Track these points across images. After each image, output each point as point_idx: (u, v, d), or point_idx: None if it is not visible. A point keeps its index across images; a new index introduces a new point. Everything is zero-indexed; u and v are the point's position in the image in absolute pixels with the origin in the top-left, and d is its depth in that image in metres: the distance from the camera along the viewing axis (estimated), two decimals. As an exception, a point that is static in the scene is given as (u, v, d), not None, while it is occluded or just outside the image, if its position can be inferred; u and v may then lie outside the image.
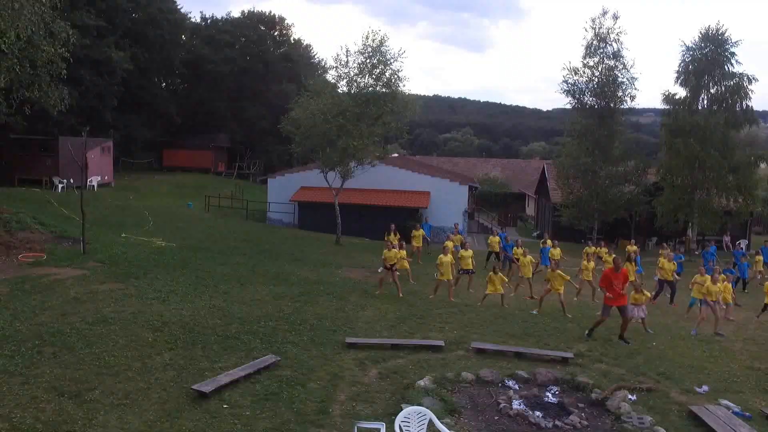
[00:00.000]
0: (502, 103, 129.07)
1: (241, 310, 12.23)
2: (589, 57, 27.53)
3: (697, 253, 25.63)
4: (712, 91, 26.28)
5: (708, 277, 13.66)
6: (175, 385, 8.34)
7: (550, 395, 8.58)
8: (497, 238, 20.94)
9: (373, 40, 22.22)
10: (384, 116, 21.64)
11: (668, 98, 26.97)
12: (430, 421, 6.37)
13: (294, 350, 10.15)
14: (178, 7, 41.96)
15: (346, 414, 7.78)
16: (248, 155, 43.98)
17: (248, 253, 19.35)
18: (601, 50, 27.45)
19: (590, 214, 27.44)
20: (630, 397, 8.53)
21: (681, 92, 26.88)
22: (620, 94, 27.41)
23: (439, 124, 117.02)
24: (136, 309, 11.60)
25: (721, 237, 29.71)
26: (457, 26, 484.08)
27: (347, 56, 22.06)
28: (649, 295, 12.78)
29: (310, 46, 56.48)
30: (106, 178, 29.99)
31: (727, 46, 25.88)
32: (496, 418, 7.90)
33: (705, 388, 9.28)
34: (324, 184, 27.53)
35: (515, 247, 18.11)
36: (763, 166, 29.11)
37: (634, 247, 21.78)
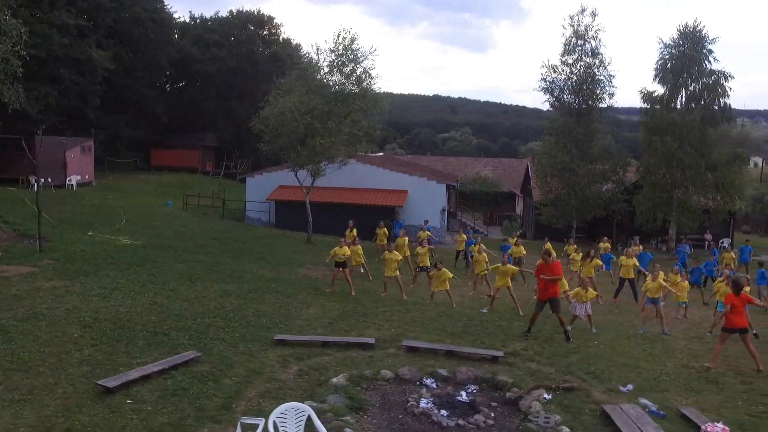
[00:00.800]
0: (503, 102, 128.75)
1: (182, 307, 12.18)
2: (568, 54, 27.34)
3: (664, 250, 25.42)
4: (690, 88, 26.02)
5: (649, 275, 13.59)
6: (85, 381, 8.28)
7: (464, 394, 8.45)
8: (463, 237, 20.82)
9: (344, 39, 22.19)
10: (352, 114, 21.57)
11: (646, 96, 26.72)
12: (309, 418, 6.26)
13: (221, 346, 10.08)
14: (166, 6, 42.14)
15: (249, 410, 7.69)
16: (236, 154, 44.02)
17: (213, 251, 19.30)
18: (580, 48, 27.26)
19: (568, 213, 27.24)
20: (545, 396, 8.38)
21: (659, 90, 26.66)
22: (598, 91, 27.21)
23: (438, 124, 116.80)
24: (73, 306, 11.58)
25: (703, 235, 29.45)
26: (458, 26, 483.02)
27: (318, 54, 22.08)
28: (594, 293, 12.61)
29: (299, 45, 56.22)
30: (87, 177, 30.07)
31: (704, 44, 25.61)
32: (401, 416, 7.79)
33: (629, 387, 9.10)
34: (304, 182, 27.66)
35: (473, 245, 17.97)
36: (757, 164, 28.87)
37: (606, 244, 21.65)
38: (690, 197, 25.93)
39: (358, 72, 21.92)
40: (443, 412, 7.81)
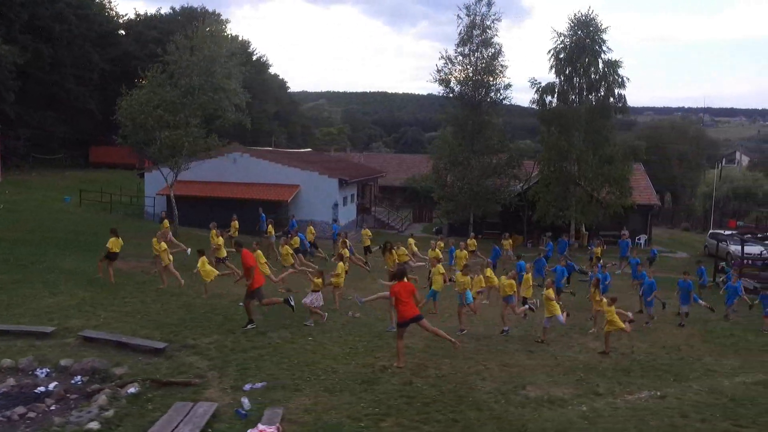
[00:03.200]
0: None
1: None
2: (463, 45, 26.48)
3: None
4: (583, 78, 24.95)
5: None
6: None
7: (52, 386, 7.94)
8: (368, 232, 20.47)
9: (209, 29, 21.82)
10: (205, 105, 21.18)
11: (544, 88, 25.70)
12: None
13: None
14: (111, 2, 42.28)
15: None
16: (175, 151, 43.73)
17: (47, 243, 19.01)
18: (477, 38, 26.34)
19: (464, 207, 26.35)
20: (130, 390, 7.81)
21: (554, 80, 25.63)
22: (492, 82, 26.28)
23: (428, 123, 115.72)
24: None
25: (619, 232, 28.36)
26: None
27: (177, 48, 21.75)
28: (320, 282, 11.99)
29: (248, 42, 56.21)
30: (-10, 172, 30.13)
31: (598, 33, 24.53)
32: (-55, 406, 7.35)
33: (258, 385, 8.42)
34: (198, 177, 27.37)
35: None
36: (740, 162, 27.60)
37: (473, 241, 21.12)
38: (585, 191, 24.86)
39: (221, 61, 21.54)
40: (-9, 403, 7.34)
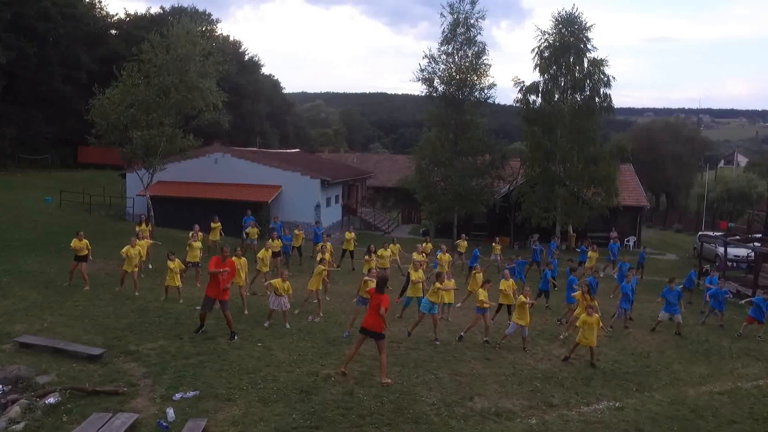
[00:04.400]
0: (498, 102, 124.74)
1: None
2: (447, 43, 26.05)
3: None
4: (568, 77, 24.50)
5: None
6: None
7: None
8: (352, 234, 20.05)
9: (184, 27, 21.48)
10: (180, 105, 20.82)
11: (528, 87, 25.25)
12: None
13: None
14: (99, 1, 41.93)
15: None
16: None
17: (17, 245, 18.62)
18: (462, 35, 25.90)
19: (447, 208, 25.91)
20: (49, 400, 7.44)
21: (537, 79, 25.17)
22: (476, 81, 25.84)
23: (425, 124, 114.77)
24: None
25: (608, 233, 27.91)
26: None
27: (153, 47, 21.44)
28: (290, 289, 11.66)
29: (239, 42, 55.99)
30: (-35, 172, 29.63)
31: (583, 31, 24.06)
32: None
33: (189, 394, 8.04)
34: (179, 177, 27.03)
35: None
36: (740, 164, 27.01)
37: (464, 242, 20.87)
38: (570, 192, 24.37)
39: (195, 59, 21.20)
40: None
